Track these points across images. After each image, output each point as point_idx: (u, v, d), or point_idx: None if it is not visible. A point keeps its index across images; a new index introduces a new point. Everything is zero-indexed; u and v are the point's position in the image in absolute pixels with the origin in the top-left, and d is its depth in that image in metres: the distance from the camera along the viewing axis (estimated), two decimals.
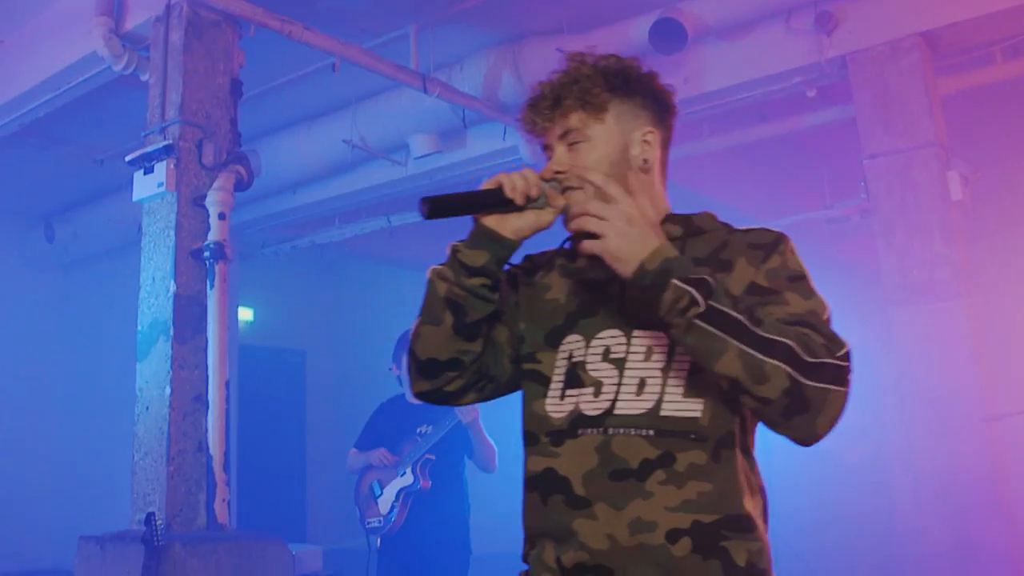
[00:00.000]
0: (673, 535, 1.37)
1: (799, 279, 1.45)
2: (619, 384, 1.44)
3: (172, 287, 3.66)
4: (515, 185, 1.44)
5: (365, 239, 7.61)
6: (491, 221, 1.48)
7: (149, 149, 3.84)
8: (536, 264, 1.64)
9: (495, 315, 1.55)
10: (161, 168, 3.77)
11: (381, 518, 4.13)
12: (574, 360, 1.49)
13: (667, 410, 1.41)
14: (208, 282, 3.71)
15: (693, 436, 1.40)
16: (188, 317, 3.67)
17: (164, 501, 3.39)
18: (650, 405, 1.41)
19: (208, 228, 3.78)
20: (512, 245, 1.50)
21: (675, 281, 1.29)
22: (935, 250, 4.28)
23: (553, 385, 1.51)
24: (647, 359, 1.43)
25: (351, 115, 5.92)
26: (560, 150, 1.53)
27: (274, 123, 6.40)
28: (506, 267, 1.56)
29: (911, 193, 4.35)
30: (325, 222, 7.46)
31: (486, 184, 1.48)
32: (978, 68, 4.71)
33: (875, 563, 6.51)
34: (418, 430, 4.22)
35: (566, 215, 1.48)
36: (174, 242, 3.71)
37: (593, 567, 1.41)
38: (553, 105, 1.52)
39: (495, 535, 9.42)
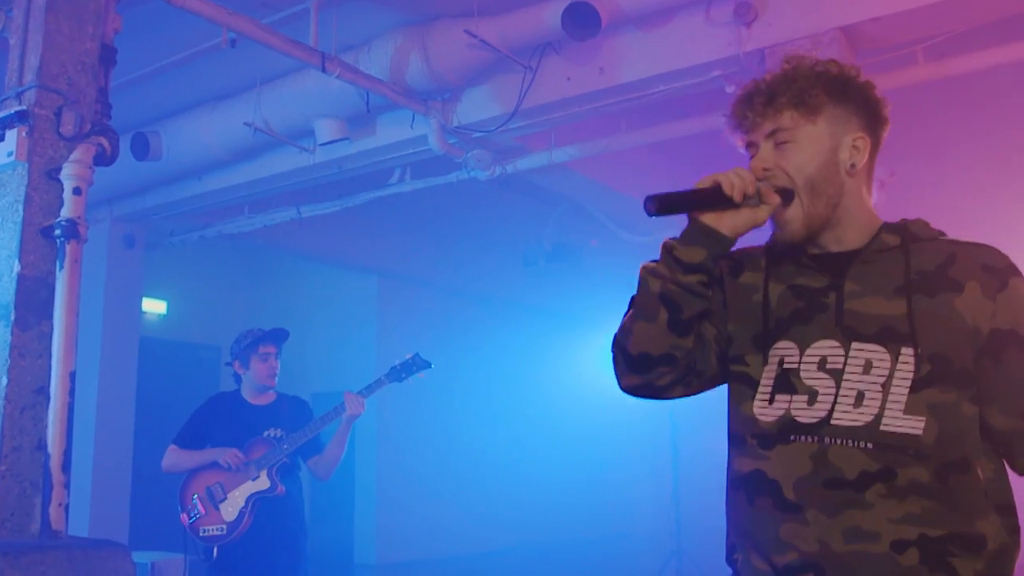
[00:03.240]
0: (899, 545, 1.39)
1: None
2: (836, 395, 1.46)
3: (17, 267, 3.30)
4: (733, 184, 1.47)
5: (278, 231, 7.33)
6: (709, 219, 1.50)
7: (1, 115, 3.48)
8: (740, 263, 1.64)
9: (704, 313, 1.57)
10: (12, 136, 3.41)
11: (224, 525, 3.79)
12: (786, 366, 1.52)
13: (888, 425, 1.42)
14: (58, 263, 3.36)
15: (913, 453, 1.41)
16: (33, 301, 3.32)
17: None
18: (869, 419, 1.43)
19: (61, 204, 3.43)
20: (729, 243, 1.52)
21: None
22: None
23: (761, 389, 1.54)
24: (866, 372, 1.45)
25: (255, 97, 5.61)
26: (766, 147, 1.54)
27: (178, 103, 6.08)
28: None
29: None
30: (234, 211, 7.15)
31: (701, 183, 1.50)
32: (899, 69, 4.56)
33: None
34: (266, 433, 3.91)
35: (787, 222, 1.53)
36: (22, 217, 3.35)
37: (804, 566, 1.44)
38: (768, 102, 1.53)
39: (407, 543, 9.13)
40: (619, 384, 1.63)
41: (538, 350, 10.77)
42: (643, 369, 1.57)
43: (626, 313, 1.59)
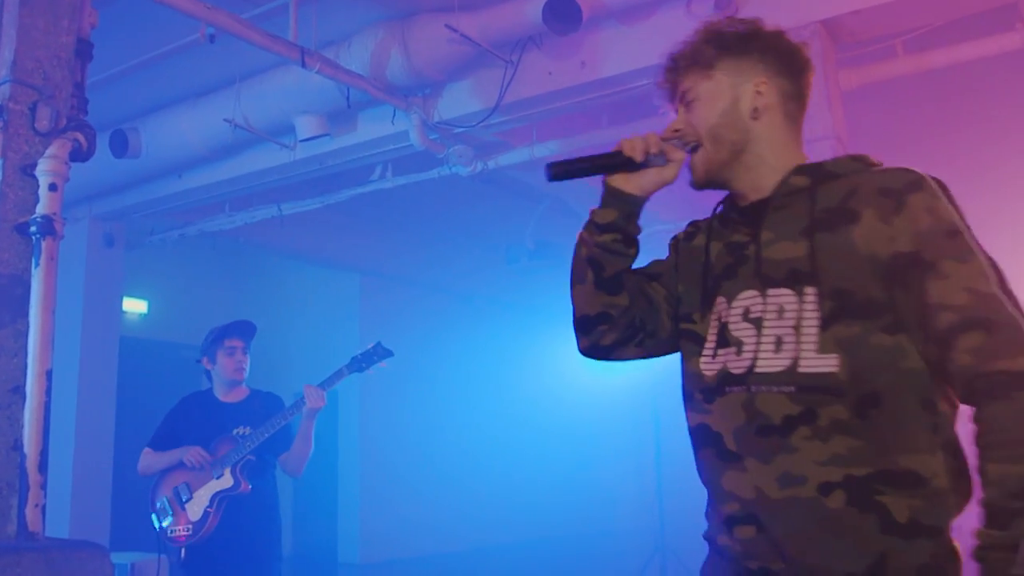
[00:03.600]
0: (826, 488, 1.39)
1: (952, 236, 1.39)
2: (758, 343, 1.49)
3: None
4: (634, 145, 1.57)
5: (259, 229, 7.27)
6: (616, 181, 1.61)
7: None
8: (698, 227, 1.71)
9: (653, 275, 1.70)
10: None
11: (190, 525, 3.75)
12: (722, 321, 1.56)
13: (804, 367, 1.43)
14: (34, 260, 3.32)
15: (831, 392, 1.40)
16: (9, 298, 3.27)
17: None
18: (788, 362, 1.44)
19: (37, 200, 3.38)
20: (638, 200, 1.62)
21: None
22: None
23: (707, 345, 1.58)
24: (780, 317, 1.47)
25: (235, 94, 5.56)
26: (680, 111, 1.63)
27: (157, 100, 6.02)
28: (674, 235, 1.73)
29: None
30: (214, 209, 7.10)
31: (612, 148, 1.59)
32: (879, 62, 4.57)
33: None
34: (235, 431, 3.87)
35: (693, 169, 1.60)
36: None
37: (743, 516, 1.46)
38: (673, 69, 1.63)
39: (391, 542, 9.09)
40: (578, 348, 1.73)
41: (521, 348, 10.75)
42: (586, 330, 1.68)
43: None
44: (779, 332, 1.47)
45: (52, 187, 3.40)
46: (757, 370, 1.47)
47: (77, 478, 6.69)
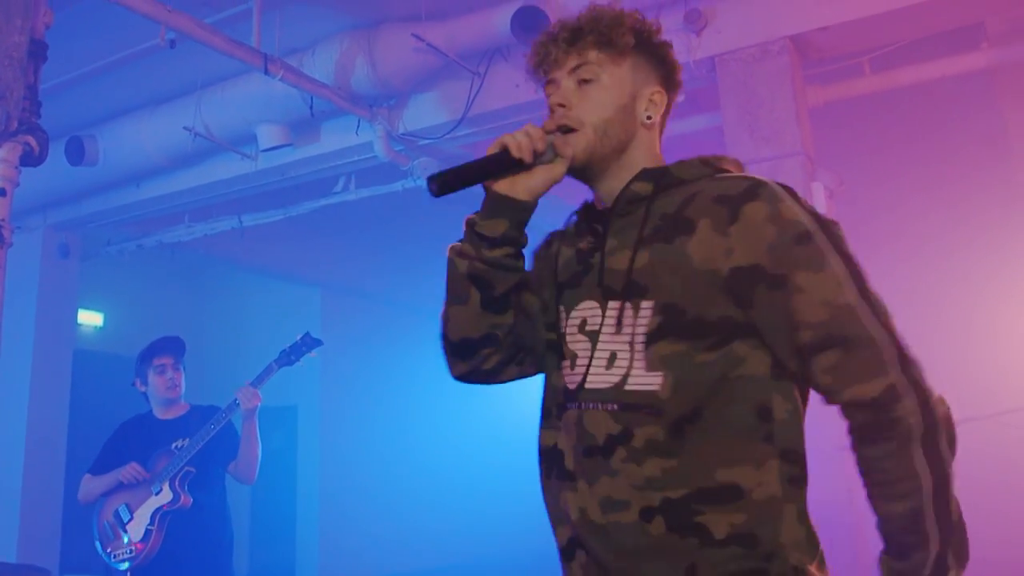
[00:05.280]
0: (647, 513, 1.30)
1: (800, 242, 1.30)
2: (591, 357, 1.40)
3: None
4: (520, 144, 1.39)
5: (219, 241, 7.13)
6: (503, 186, 1.44)
7: None
8: (555, 237, 1.62)
9: (523, 284, 1.53)
10: None
11: (133, 547, 3.63)
12: (559, 332, 1.47)
13: (631, 384, 1.34)
14: None
15: (650, 411, 1.31)
16: None
17: None
18: (617, 379, 1.36)
19: None
20: (529, 206, 1.45)
21: None
22: None
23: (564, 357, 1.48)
24: (617, 332, 1.37)
25: (196, 101, 5.45)
26: (568, 84, 1.47)
27: (115, 106, 5.89)
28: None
29: None
30: (174, 219, 6.95)
31: (491, 149, 1.42)
32: (846, 79, 4.59)
33: None
34: (174, 445, 3.76)
35: (576, 163, 1.45)
36: None
37: (576, 540, 1.39)
38: (573, 38, 1.46)
39: (351, 559, 8.94)
40: (450, 374, 1.59)
41: None
42: (467, 354, 1.53)
43: (443, 300, 1.54)
44: (614, 347, 1.37)
45: (1, 192, 3.28)
46: (587, 386, 1.39)
47: (26, 498, 6.46)
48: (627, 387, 1.34)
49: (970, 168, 5.25)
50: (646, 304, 1.35)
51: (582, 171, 1.48)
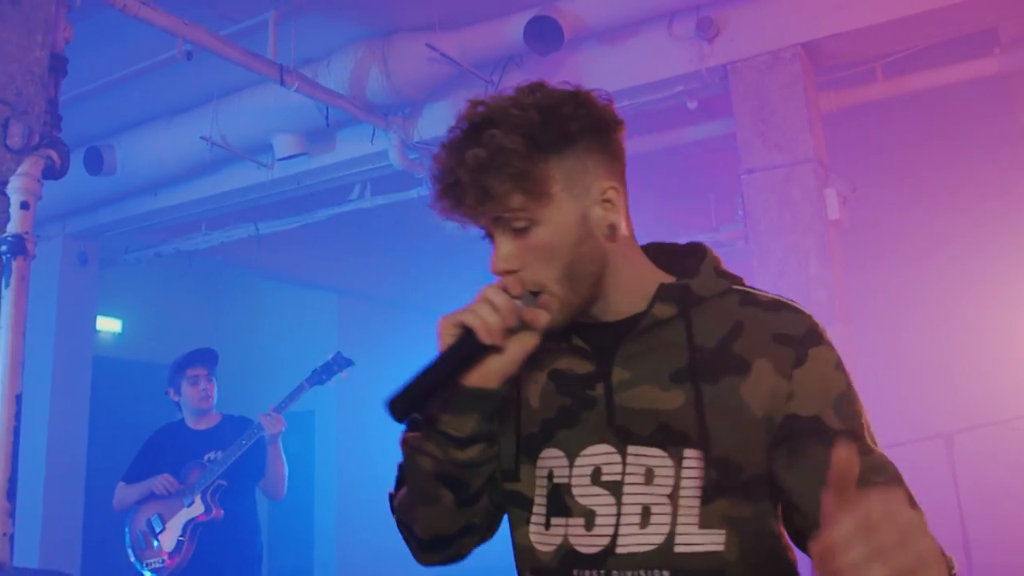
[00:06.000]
0: None
1: (851, 402, 1.16)
2: (618, 515, 1.15)
3: None
4: (490, 327, 1.14)
5: (236, 248, 7.19)
6: (474, 379, 1.18)
7: None
8: None
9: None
10: None
11: (165, 556, 3.69)
12: (556, 481, 1.21)
13: (683, 546, 1.12)
14: (3, 280, 3.25)
15: (717, 574, 1.12)
16: None
17: None
18: (660, 541, 1.13)
19: (8, 218, 3.31)
20: (503, 391, 1.20)
21: None
22: (811, 271, 4.09)
23: (536, 509, 1.23)
24: (648, 483, 1.15)
25: (212, 111, 5.51)
26: (504, 241, 1.20)
27: (133, 117, 5.96)
28: None
29: (788, 210, 4.17)
30: (191, 227, 7.02)
31: (446, 331, 1.17)
32: (859, 86, 4.59)
33: None
34: (206, 457, 3.81)
35: (555, 326, 1.20)
36: None
37: None
38: (480, 199, 1.15)
39: (368, 570, 8.99)
40: (419, 562, 1.37)
41: None
42: (441, 548, 1.31)
43: (397, 480, 1.34)
44: (647, 501, 1.15)
45: (24, 205, 3.34)
46: (620, 550, 1.14)
47: (48, 506, 6.53)
48: (677, 550, 1.12)
49: (983, 173, 5.25)
50: (690, 453, 1.15)
51: (568, 321, 1.23)
